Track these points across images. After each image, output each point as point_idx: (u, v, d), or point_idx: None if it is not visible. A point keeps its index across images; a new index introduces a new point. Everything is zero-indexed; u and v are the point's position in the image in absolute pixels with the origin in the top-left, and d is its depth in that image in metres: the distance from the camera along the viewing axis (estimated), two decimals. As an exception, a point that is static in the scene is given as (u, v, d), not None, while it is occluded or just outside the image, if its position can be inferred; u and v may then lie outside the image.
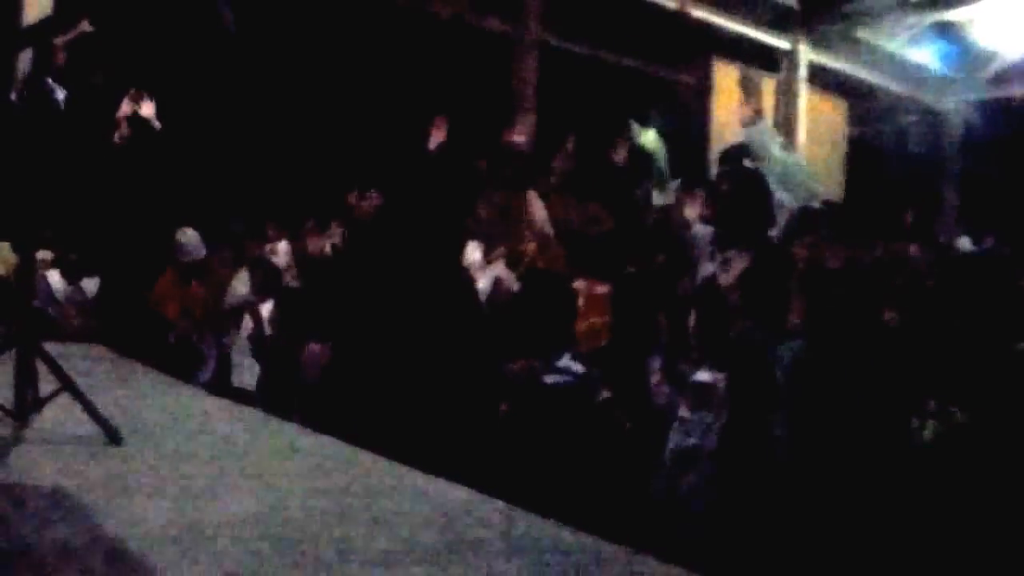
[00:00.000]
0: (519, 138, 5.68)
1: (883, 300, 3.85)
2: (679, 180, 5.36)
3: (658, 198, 5.53)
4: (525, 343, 4.50)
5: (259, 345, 5.90)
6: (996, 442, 3.21)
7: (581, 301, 4.54)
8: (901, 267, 4.65)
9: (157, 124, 6.36)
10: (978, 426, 3.25)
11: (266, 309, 6.04)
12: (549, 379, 4.15)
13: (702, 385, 3.66)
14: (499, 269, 5.14)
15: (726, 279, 3.82)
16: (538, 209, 5.23)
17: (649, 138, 5.78)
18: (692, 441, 3.58)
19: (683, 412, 3.67)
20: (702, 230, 4.45)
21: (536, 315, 4.57)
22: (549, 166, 5.73)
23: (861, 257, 4.19)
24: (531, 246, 5.07)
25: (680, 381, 3.83)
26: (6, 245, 6.12)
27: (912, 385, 3.43)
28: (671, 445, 3.65)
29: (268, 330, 5.94)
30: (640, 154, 5.67)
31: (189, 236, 6.88)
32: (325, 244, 5.93)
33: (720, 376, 3.62)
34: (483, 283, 5.09)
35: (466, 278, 5.00)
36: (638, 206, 5.41)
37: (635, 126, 5.81)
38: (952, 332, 3.58)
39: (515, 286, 4.95)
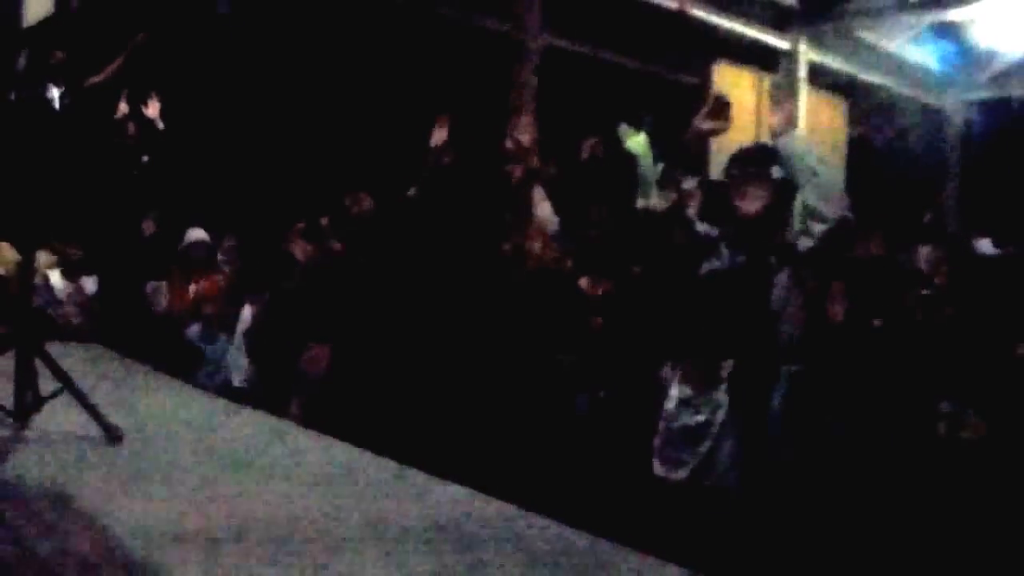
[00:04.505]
0: (524, 137, 5.66)
1: (893, 303, 3.85)
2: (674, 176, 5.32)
3: (641, 202, 5.50)
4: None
5: (253, 342, 5.89)
6: (1007, 444, 3.21)
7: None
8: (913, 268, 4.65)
9: (161, 124, 6.36)
10: (992, 428, 3.26)
11: (248, 311, 6.04)
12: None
13: (707, 364, 3.67)
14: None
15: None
16: (544, 207, 5.23)
17: (638, 141, 5.72)
18: (700, 418, 3.59)
19: (685, 392, 3.69)
20: (703, 228, 4.44)
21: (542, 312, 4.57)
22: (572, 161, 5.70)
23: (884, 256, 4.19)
24: (537, 244, 5.06)
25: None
26: (6, 245, 6.12)
27: (926, 387, 3.44)
28: (676, 423, 3.65)
29: (253, 327, 5.93)
30: (625, 157, 5.62)
31: (196, 235, 6.89)
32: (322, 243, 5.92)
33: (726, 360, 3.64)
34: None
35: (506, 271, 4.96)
36: (629, 206, 5.38)
37: (624, 128, 5.76)
38: (969, 333, 3.59)
39: None
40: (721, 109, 3.77)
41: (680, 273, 4.02)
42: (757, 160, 3.84)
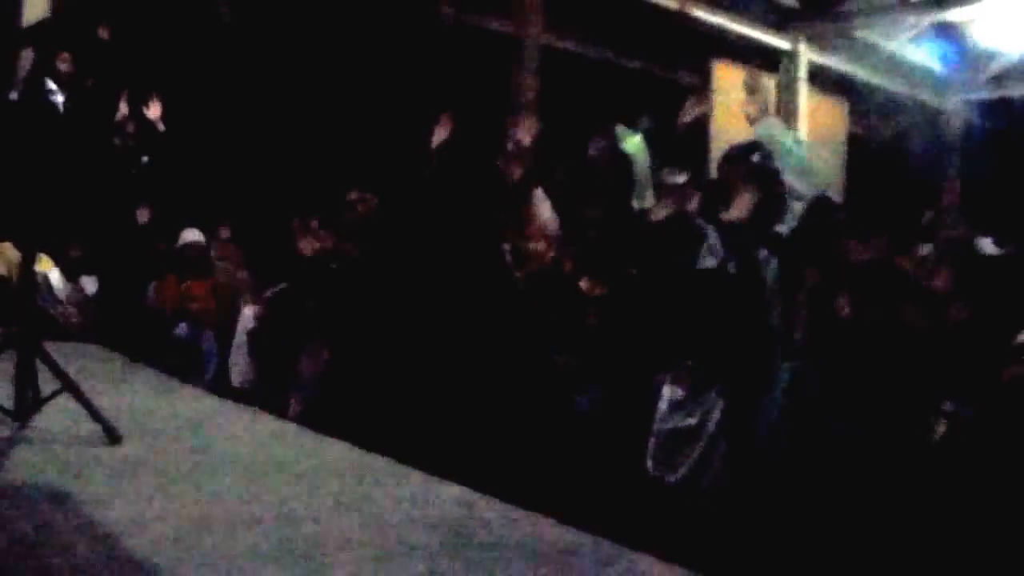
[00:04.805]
0: (525, 137, 5.65)
1: (897, 301, 3.86)
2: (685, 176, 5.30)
3: (636, 203, 5.50)
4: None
5: (256, 342, 5.89)
6: (1002, 439, 3.22)
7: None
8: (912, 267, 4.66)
9: (161, 126, 6.37)
10: (985, 423, 3.26)
11: (250, 309, 6.04)
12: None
13: (699, 368, 3.68)
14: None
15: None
16: (544, 208, 5.23)
17: (633, 143, 5.70)
18: (692, 421, 3.61)
19: (677, 394, 3.70)
20: (704, 226, 4.44)
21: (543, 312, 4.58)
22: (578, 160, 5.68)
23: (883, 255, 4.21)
24: (539, 245, 5.06)
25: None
26: (9, 245, 6.12)
27: (926, 386, 3.44)
28: (668, 425, 3.67)
29: (256, 327, 5.93)
30: (620, 158, 5.61)
31: (191, 236, 6.90)
32: (321, 243, 5.92)
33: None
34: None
35: (509, 274, 4.96)
36: (624, 208, 5.38)
37: (620, 130, 5.74)
38: (970, 333, 3.59)
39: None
40: (700, 96, 3.85)
41: (675, 273, 4.04)
42: (743, 155, 3.91)
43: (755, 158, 3.95)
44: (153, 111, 6.31)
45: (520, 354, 4.48)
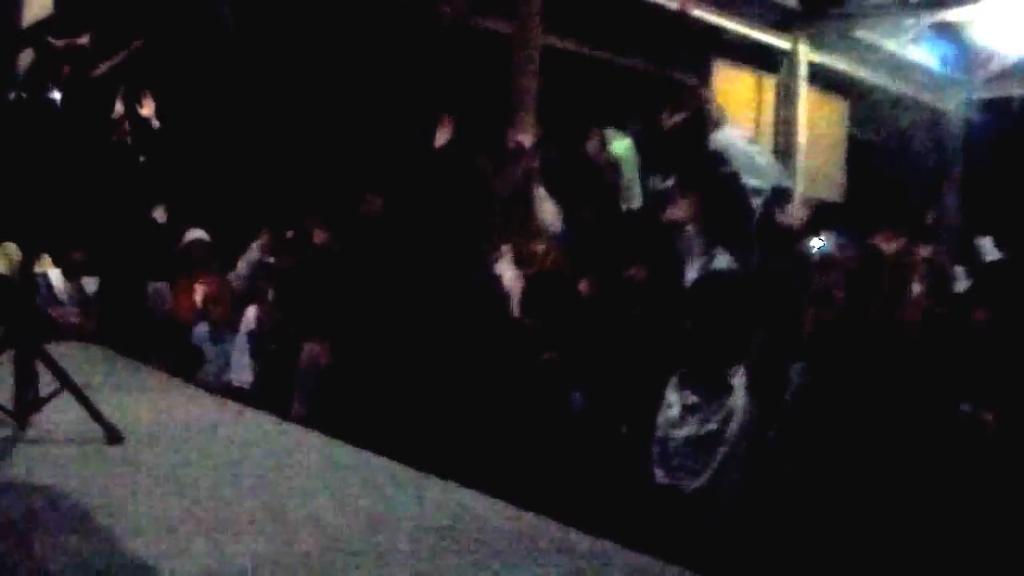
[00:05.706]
0: (525, 137, 5.66)
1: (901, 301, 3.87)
2: (672, 181, 5.33)
3: (623, 205, 5.51)
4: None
5: (257, 342, 5.89)
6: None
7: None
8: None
9: (156, 124, 6.35)
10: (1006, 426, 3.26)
11: (251, 309, 6.03)
12: None
13: (716, 374, 3.66)
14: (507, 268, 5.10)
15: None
16: (545, 207, 5.23)
17: (622, 145, 5.70)
18: (712, 427, 3.58)
19: (690, 399, 3.67)
20: (691, 231, 4.46)
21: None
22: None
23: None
24: (541, 245, 5.06)
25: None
26: (13, 246, 6.12)
27: (937, 387, 3.44)
28: (684, 431, 3.64)
29: (258, 326, 5.92)
30: (607, 161, 5.60)
31: (195, 235, 6.89)
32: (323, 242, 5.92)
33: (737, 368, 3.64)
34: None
35: (493, 277, 4.96)
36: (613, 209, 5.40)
37: (609, 132, 5.74)
38: (980, 335, 3.59)
39: (520, 284, 4.94)
40: (683, 100, 3.88)
41: (677, 278, 4.04)
42: (710, 166, 4.03)
43: (723, 169, 4.07)
44: (147, 109, 6.29)
45: (516, 352, 4.48)
